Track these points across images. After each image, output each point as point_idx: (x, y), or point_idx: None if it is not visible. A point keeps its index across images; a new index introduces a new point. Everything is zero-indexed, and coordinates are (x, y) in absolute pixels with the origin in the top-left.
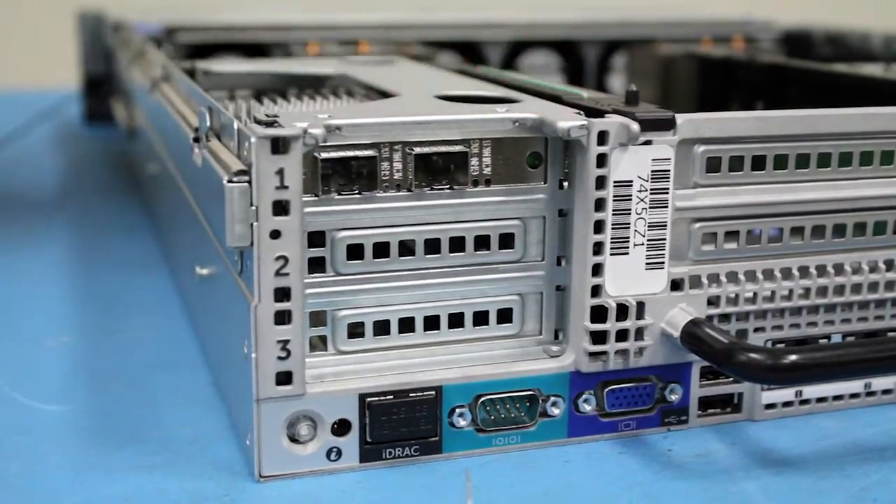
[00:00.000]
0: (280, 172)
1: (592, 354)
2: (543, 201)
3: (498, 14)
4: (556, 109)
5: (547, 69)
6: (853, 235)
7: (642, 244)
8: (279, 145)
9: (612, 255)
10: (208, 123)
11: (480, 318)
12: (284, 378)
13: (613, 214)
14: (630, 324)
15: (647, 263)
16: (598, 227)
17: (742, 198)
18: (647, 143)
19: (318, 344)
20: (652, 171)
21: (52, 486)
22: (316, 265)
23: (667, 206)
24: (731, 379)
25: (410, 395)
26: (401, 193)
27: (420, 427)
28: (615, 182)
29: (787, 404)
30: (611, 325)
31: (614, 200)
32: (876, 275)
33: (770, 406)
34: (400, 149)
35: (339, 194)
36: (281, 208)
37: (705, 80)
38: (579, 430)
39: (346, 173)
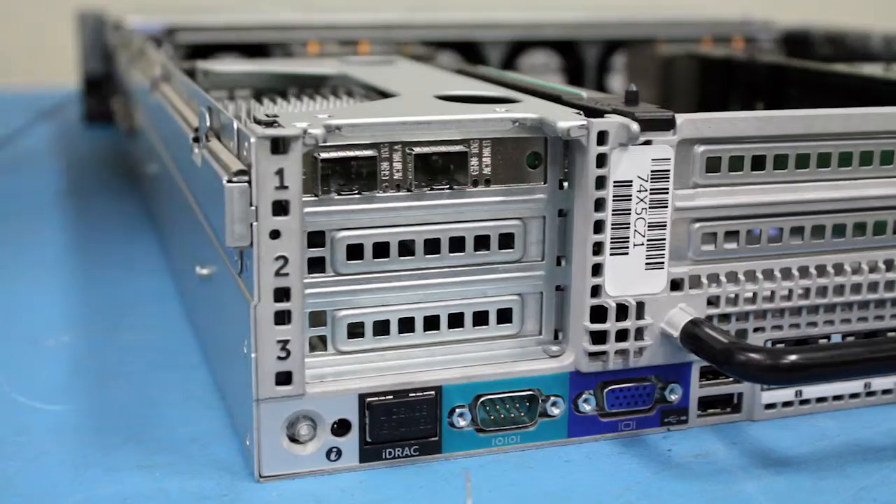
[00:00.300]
0: (280, 172)
1: (592, 354)
2: (543, 201)
3: (498, 14)
4: (555, 109)
5: (547, 69)
6: (853, 235)
7: (642, 244)
8: (279, 145)
9: (611, 255)
10: (208, 123)
11: (480, 318)
12: (284, 378)
13: (613, 214)
14: (630, 324)
15: (646, 263)
16: (598, 227)
17: (742, 198)
18: (647, 143)
19: (318, 344)
20: (652, 171)
21: (52, 486)
22: (316, 265)
23: (667, 206)
24: (730, 379)
25: (410, 395)
26: (401, 193)
27: (420, 427)
28: (615, 182)
29: (786, 404)
30: (611, 325)
31: (614, 200)
32: (876, 275)
33: (770, 406)
34: (400, 149)
35: (339, 194)
36: (281, 208)
37: (705, 80)
38: (579, 430)
39: (346, 173)
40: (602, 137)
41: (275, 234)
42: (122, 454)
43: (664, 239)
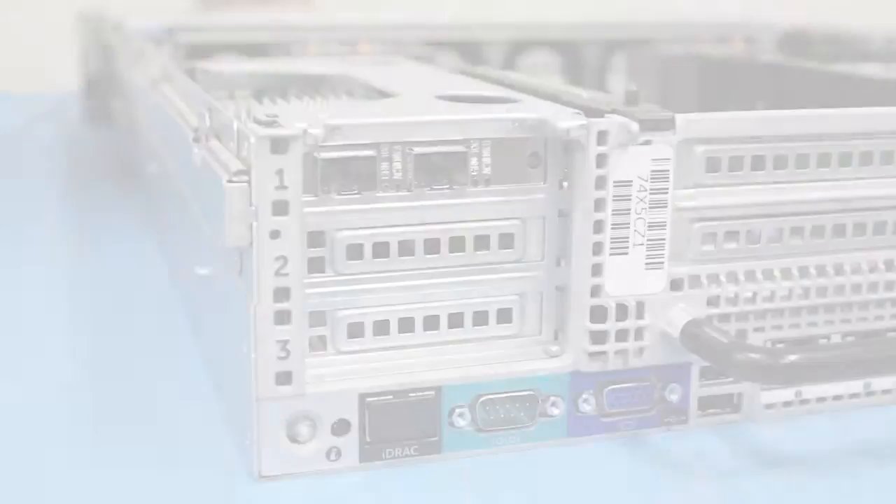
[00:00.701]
0: (279, 172)
1: (592, 354)
2: (543, 201)
3: (498, 14)
4: (555, 109)
5: (547, 69)
6: (853, 235)
7: (642, 244)
8: (279, 145)
9: (611, 255)
10: (208, 123)
11: (480, 318)
12: (284, 378)
13: (613, 214)
14: (630, 324)
15: (646, 263)
16: (598, 227)
17: (742, 198)
18: (647, 143)
19: (318, 344)
20: (652, 171)
21: (52, 485)
22: (316, 265)
23: (666, 206)
24: (730, 379)
25: (410, 395)
26: (400, 193)
27: (420, 427)
28: (615, 182)
29: (786, 404)
30: (610, 325)
31: (614, 200)
32: (876, 275)
33: (770, 406)
34: (400, 149)
35: (339, 194)
36: (280, 208)
37: (705, 80)
38: (579, 430)
39: (346, 173)
40: (602, 137)
41: (275, 234)
42: (123, 453)
43: (664, 239)
